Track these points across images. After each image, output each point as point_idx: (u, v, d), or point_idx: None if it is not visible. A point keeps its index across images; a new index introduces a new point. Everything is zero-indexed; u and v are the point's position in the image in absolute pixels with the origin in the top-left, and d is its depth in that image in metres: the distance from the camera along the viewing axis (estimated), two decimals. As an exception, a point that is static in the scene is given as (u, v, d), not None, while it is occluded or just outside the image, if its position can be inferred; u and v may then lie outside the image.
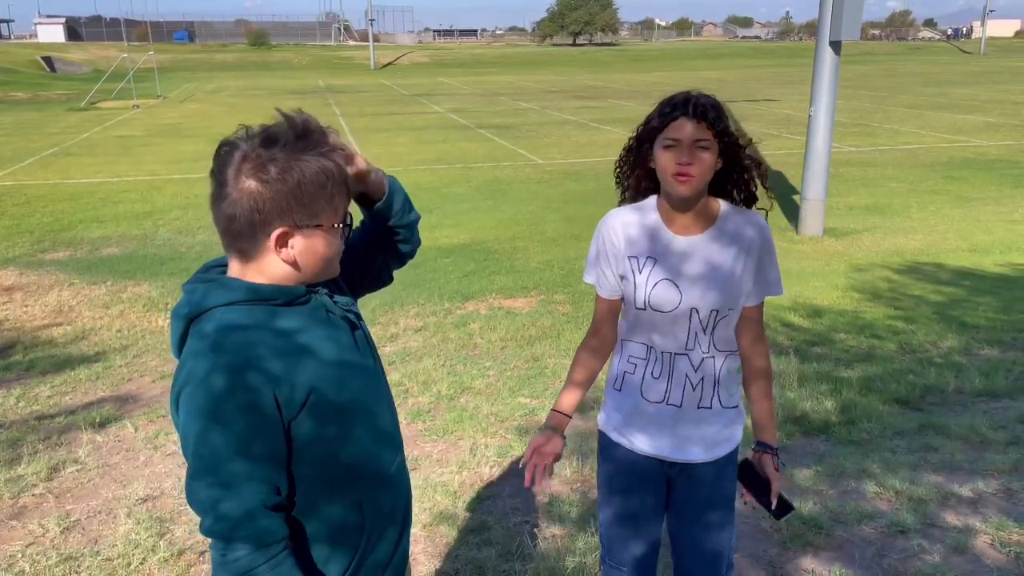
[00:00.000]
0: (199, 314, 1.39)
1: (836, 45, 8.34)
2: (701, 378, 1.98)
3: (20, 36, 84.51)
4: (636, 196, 2.02)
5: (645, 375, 2.02)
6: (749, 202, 1.98)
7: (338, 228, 1.44)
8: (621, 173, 2.03)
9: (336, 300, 1.50)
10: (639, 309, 1.98)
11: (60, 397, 4.73)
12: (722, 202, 1.96)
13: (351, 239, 1.61)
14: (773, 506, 2.02)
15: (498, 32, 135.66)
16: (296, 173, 1.34)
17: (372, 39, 60.78)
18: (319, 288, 1.48)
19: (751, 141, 1.92)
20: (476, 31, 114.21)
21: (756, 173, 1.95)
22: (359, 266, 1.67)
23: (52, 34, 70.48)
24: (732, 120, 1.89)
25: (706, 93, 1.88)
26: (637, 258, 1.97)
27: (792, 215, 9.30)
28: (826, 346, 5.33)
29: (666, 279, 1.94)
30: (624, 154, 2.01)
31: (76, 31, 73.37)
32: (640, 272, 1.96)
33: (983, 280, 7.03)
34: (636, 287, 1.96)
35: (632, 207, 2.01)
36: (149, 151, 15.94)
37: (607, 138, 16.72)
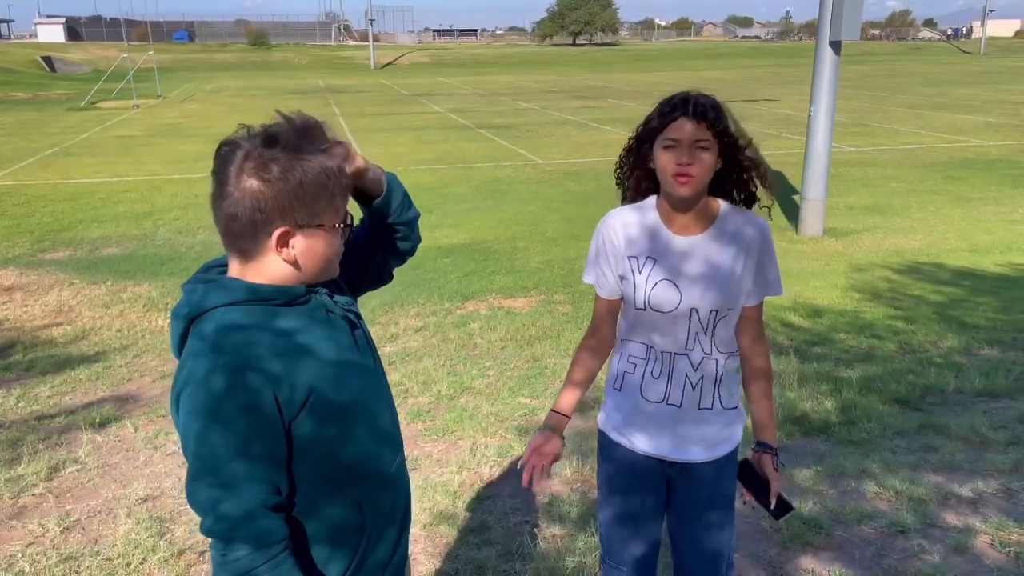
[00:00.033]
0: (199, 314, 1.39)
1: (836, 45, 8.35)
2: (700, 377, 1.98)
3: (20, 36, 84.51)
4: (636, 196, 2.01)
5: (645, 375, 2.02)
6: (749, 202, 1.98)
7: (339, 228, 1.44)
8: (621, 174, 2.03)
9: (336, 300, 1.50)
10: (639, 309, 1.97)
11: (60, 397, 4.74)
12: (722, 202, 1.95)
13: (350, 238, 1.61)
14: (772, 506, 2.03)
15: (498, 32, 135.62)
16: (298, 172, 1.34)
17: (372, 39, 60.79)
18: (319, 288, 1.48)
19: (751, 141, 1.92)
20: (476, 31, 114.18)
21: (756, 174, 1.94)
22: (358, 264, 1.67)
23: (52, 34, 70.49)
24: (732, 120, 1.88)
25: (705, 93, 1.88)
26: (637, 258, 1.97)
27: (792, 215, 9.30)
28: (826, 346, 5.33)
29: (666, 279, 1.94)
30: (624, 155, 2.00)
31: (76, 31, 73.39)
32: (640, 272, 1.96)
33: (983, 280, 7.03)
34: (636, 287, 1.96)
35: (632, 207, 2.00)
36: (149, 151, 15.95)
37: (607, 138, 16.71)
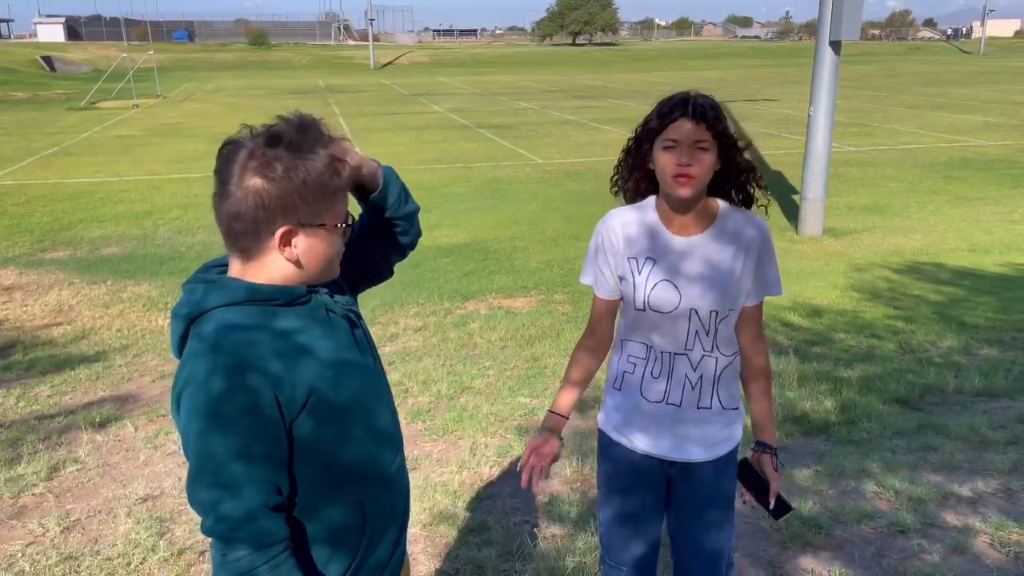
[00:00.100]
0: (199, 314, 1.39)
1: (836, 45, 8.35)
2: (700, 377, 1.99)
3: (20, 36, 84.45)
4: (635, 197, 2.01)
5: (644, 375, 2.02)
6: (747, 203, 1.98)
7: (340, 228, 1.44)
8: (620, 177, 2.02)
9: (336, 299, 1.50)
10: (639, 310, 1.97)
11: (60, 397, 4.74)
12: (721, 202, 1.95)
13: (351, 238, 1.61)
14: (772, 506, 2.03)
15: (498, 32, 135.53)
16: (302, 171, 1.35)
17: (372, 39, 60.77)
18: (319, 288, 1.48)
19: (749, 143, 1.92)
20: (476, 31, 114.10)
21: (753, 176, 1.95)
22: (358, 261, 1.67)
23: (52, 34, 70.45)
24: (731, 121, 1.89)
25: (704, 93, 1.88)
26: (636, 258, 1.97)
27: (792, 215, 9.30)
28: (826, 346, 5.33)
29: (665, 280, 1.94)
30: (623, 157, 2.00)
31: (76, 31, 73.36)
32: (639, 273, 1.96)
33: (983, 280, 7.04)
34: (635, 288, 1.96)
35: (631, 207, 2.00)
36: (149, 151, 15.94)
37: (607, 138, 16.71)
